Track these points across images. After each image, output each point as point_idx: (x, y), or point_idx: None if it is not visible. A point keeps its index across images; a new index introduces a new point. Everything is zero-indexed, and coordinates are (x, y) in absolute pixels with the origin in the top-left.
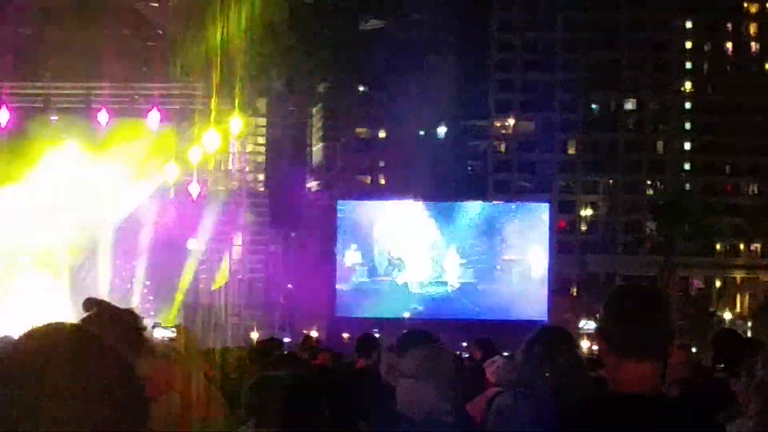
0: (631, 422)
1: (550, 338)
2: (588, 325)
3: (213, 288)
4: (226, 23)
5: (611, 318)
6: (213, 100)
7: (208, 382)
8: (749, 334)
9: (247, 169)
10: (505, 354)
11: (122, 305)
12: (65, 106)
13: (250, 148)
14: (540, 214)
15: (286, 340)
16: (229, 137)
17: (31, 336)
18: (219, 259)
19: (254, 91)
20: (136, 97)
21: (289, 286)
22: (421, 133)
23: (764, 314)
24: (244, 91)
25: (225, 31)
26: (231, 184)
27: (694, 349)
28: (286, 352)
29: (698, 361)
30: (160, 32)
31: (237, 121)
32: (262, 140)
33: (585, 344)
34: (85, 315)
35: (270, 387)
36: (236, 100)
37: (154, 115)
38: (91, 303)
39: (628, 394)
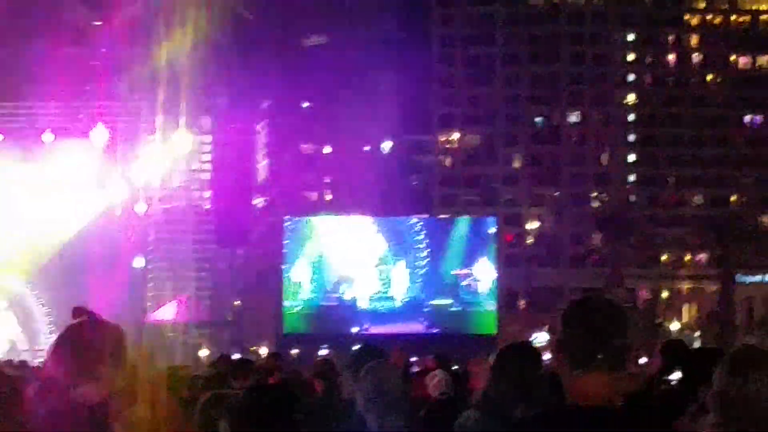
0: None
1: (520, 354)
2: (537, 338)
3: (160, 306)
4: (170, 41)
5: (567, 330)
6: (158, 118)
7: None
8: (696, 344)
9: (192, 186)
10: (454, 368)
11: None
12: (8, 126)
13: (195, 165)
14: (487, 227)
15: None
16: (174, 155)
17: None
18: (167, 277)
19: (199, 108)
20: (81, 116)
21: (237, 303)
22: (366, 148)
23: (711, 324)
24: (188, 108)
25: (169, 50)
26: (177, 202)
27: (642, 360)
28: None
29: (651, 373)
30: (104, 50)
31: (182, 139)
32: (207, 157)
33: None
34: (74, 322)
35: (222, 404)
36: (182, 118)
37: (99, 134)
38: (80, 312)
39: (584, 406)
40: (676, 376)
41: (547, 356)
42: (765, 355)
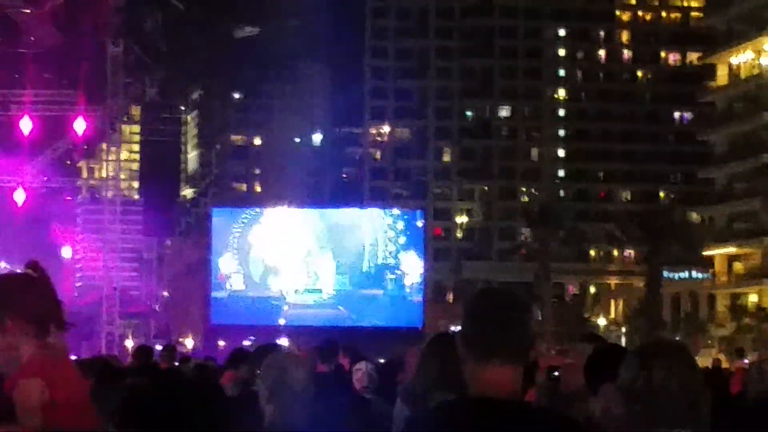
0: (487, 426)
1: (443, 344)
2: None
3: (87, 297)
4: (99, 30)
5: (469, 321)
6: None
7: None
8: (623, 339)
9: (121, 176)
10: (381, 360)
11: None
12: None
13: (124, 155)
14: (415, 221)
15: (159, 348)
16: (103, 145)
17: None
18: (95, 267)
19: (128, 98)
20: (9, 104)
21: (165, 293)
22: (297, 140)
23: (636, 320)
24: (117, 98)
25: (98, 38)
26: (105, 192)
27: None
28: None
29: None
30: (32, 39)
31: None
32: (136, 147)
33: None
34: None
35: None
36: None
37: (26, 123)
38: (34, 265)
39: (484, 398)
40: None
41: None
42: (670, 347)
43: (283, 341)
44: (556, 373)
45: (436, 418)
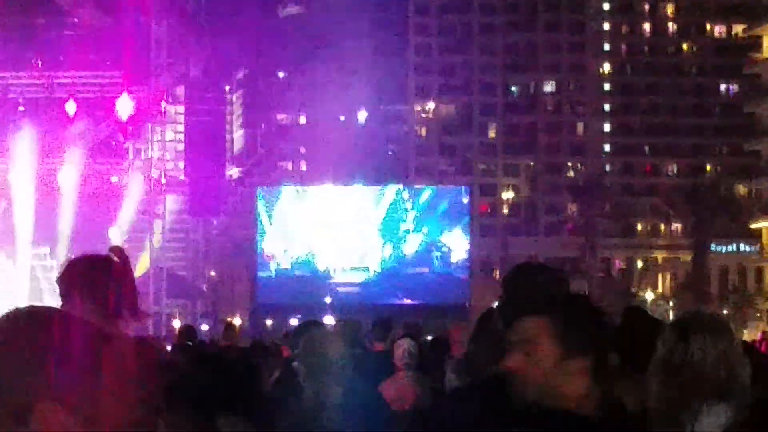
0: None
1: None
2: None
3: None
4: (142, 10)
5: (504, 295)
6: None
7: None
8: (670, 313)
9: (167, 157)
10: (429, 338)
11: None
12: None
13: (169, 136)
14: (460, 197)
15: (205, 327)
16: (149, 125)
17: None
18: (140, 248)
19: (172, 78)
20: (54, 87)
21: (212, 273)
22: (342, 118)
23: (684, 294)
24: (161, 78)
25: (142, 18)
26: (151, 172)
27: None
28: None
29: None
30: (76, 20)
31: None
32: (181, 128)
33: None
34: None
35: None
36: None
37: (71, 106)
38: (117, 250)
39: None
40: None
41: None
42: (709, 320)
43: (329, 319)
44: None
45: (466, 396)
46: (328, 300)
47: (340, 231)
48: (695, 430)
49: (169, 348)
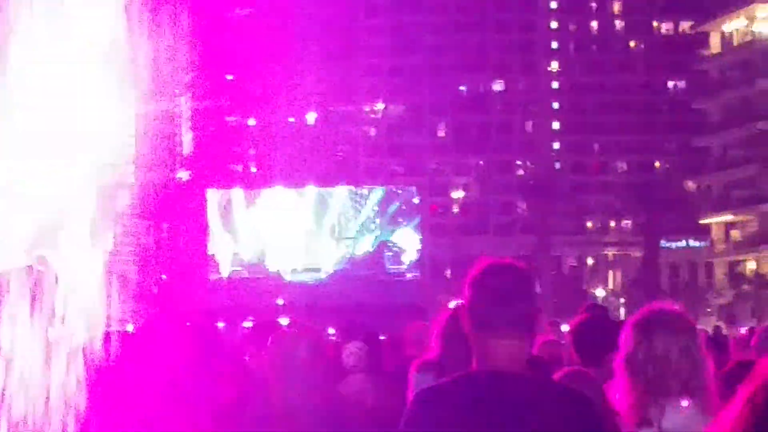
0: (496, 399)
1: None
2: None
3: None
4: (90, 11)
5: (473, 294)
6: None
7: None
8: (622, 310)
9: (116, 161)
10: (382, 338)
11: None
12: None
13: (120, 139)
14: (411, 197)
15: None
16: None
17: None
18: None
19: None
20: None
21: (163, 276)
22: (292, 120)
23: (635, 290)
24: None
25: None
26: (101, 175)
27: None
28: None
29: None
30: None
31: None
32: (130, 131)
33: None
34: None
35: None
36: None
37: None
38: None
39: (493, 371)
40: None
41: None
42: (669, 315)
43: (284, 320)
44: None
45: (441, 393)
46: (280, 302)
47: (291, 233)
48: (662, 427)
49: None
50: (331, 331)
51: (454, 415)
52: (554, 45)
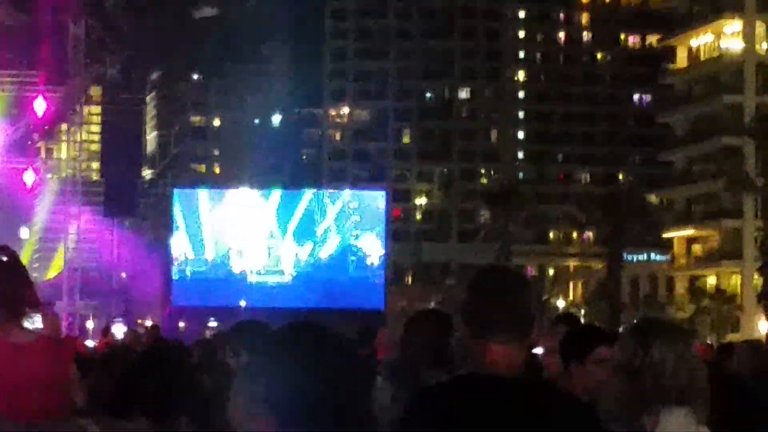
0: (493, 404)
1: (430, 320)
2: None
3: (47, 278)
4: (60, 9)
5: (470, 298)
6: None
7: None
8: (582, 321)
9: (81, 157)
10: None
11: None
12: None
13: (84, 136)
14: (376, 202)
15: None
16: (63, 125)
17: None
18: (53, 248)
19: (89, 78)
20: None
21: (123, 275)
22: (256, 121)
23: (596, 302)
24: (78, 78)
25: (59, 17)
26: (65, 172)
27: None
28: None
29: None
30: None
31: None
32: (96, 128)
33: None
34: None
35: None
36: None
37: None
38: (4, 249)
39: (490, 375)
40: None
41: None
42: (666, 325)
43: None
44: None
45: (439, 396)
46: (243, 303)
47: (255, 234)
48: None
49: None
50: None
51: (451, 418)
52: (521, 54)
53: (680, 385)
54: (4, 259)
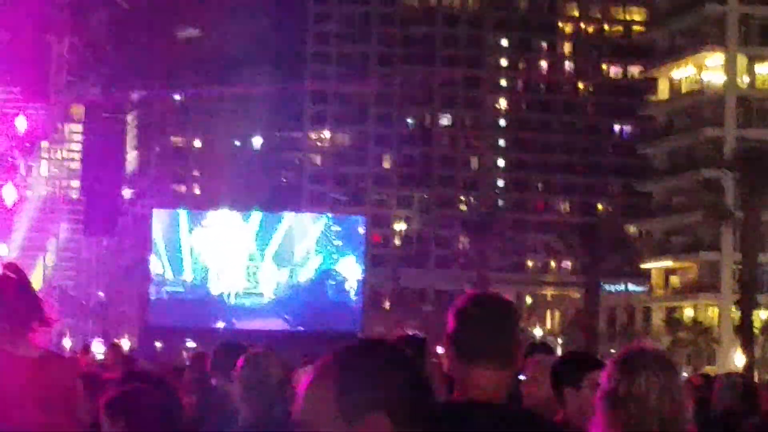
0: (474, 430)
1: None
2: None
3: None
4: (44, 28)
5: (461, 324)
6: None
7: None
8: (558, 350)
9: (61, 175)
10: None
11: None
12: None
13: (64, 154)
14: (357, 226)
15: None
16: (44, 143)
17: None
18: (32, 265)
19: (70, 97)
20: None
21: (100, 293)
22: (237, 143)
23: (572, 331)
24: (60, 96)
25: (43, 36)
26: (45, 189)
27: None
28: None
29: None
30: None
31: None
32: (76, 147)
33: None
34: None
35: None
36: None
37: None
38: (11, 266)
39: (476, 401)
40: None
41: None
42: (652, 354)
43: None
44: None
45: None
46: (220, 325)
47: (234, 256)
48: None
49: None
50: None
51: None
52: (503, 82)
53: (664, 415)
54: (12, 275)
